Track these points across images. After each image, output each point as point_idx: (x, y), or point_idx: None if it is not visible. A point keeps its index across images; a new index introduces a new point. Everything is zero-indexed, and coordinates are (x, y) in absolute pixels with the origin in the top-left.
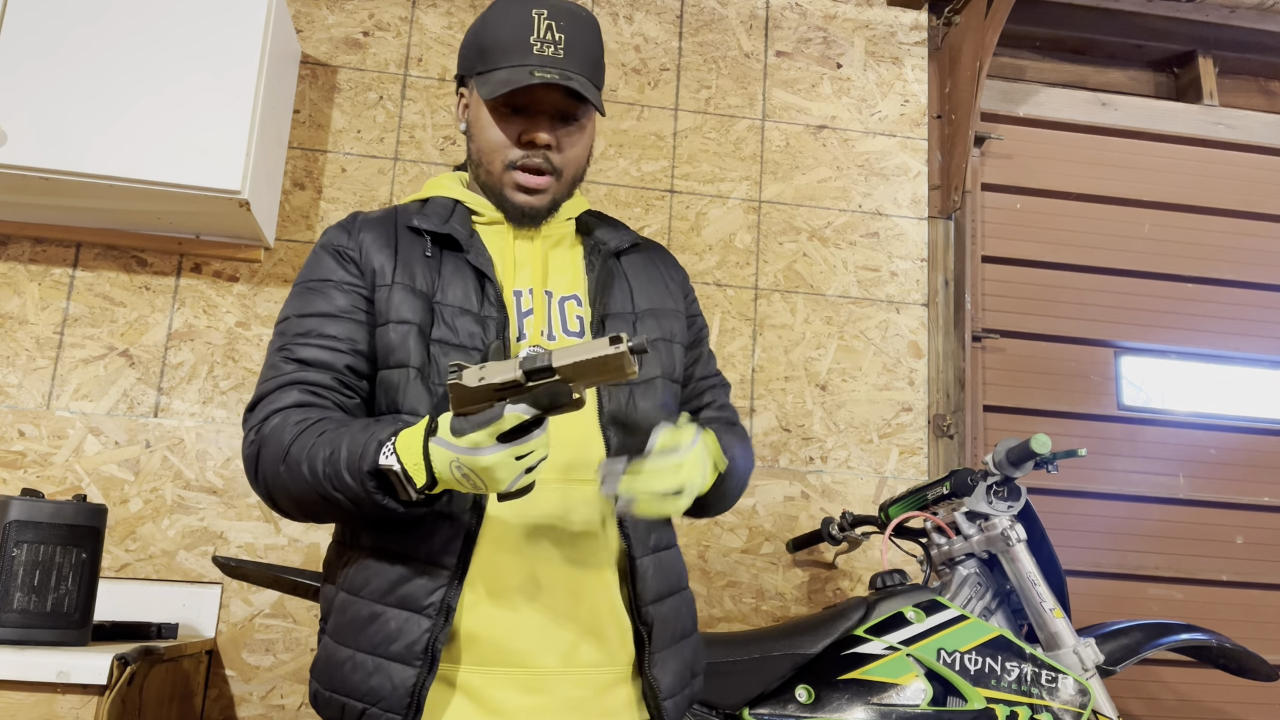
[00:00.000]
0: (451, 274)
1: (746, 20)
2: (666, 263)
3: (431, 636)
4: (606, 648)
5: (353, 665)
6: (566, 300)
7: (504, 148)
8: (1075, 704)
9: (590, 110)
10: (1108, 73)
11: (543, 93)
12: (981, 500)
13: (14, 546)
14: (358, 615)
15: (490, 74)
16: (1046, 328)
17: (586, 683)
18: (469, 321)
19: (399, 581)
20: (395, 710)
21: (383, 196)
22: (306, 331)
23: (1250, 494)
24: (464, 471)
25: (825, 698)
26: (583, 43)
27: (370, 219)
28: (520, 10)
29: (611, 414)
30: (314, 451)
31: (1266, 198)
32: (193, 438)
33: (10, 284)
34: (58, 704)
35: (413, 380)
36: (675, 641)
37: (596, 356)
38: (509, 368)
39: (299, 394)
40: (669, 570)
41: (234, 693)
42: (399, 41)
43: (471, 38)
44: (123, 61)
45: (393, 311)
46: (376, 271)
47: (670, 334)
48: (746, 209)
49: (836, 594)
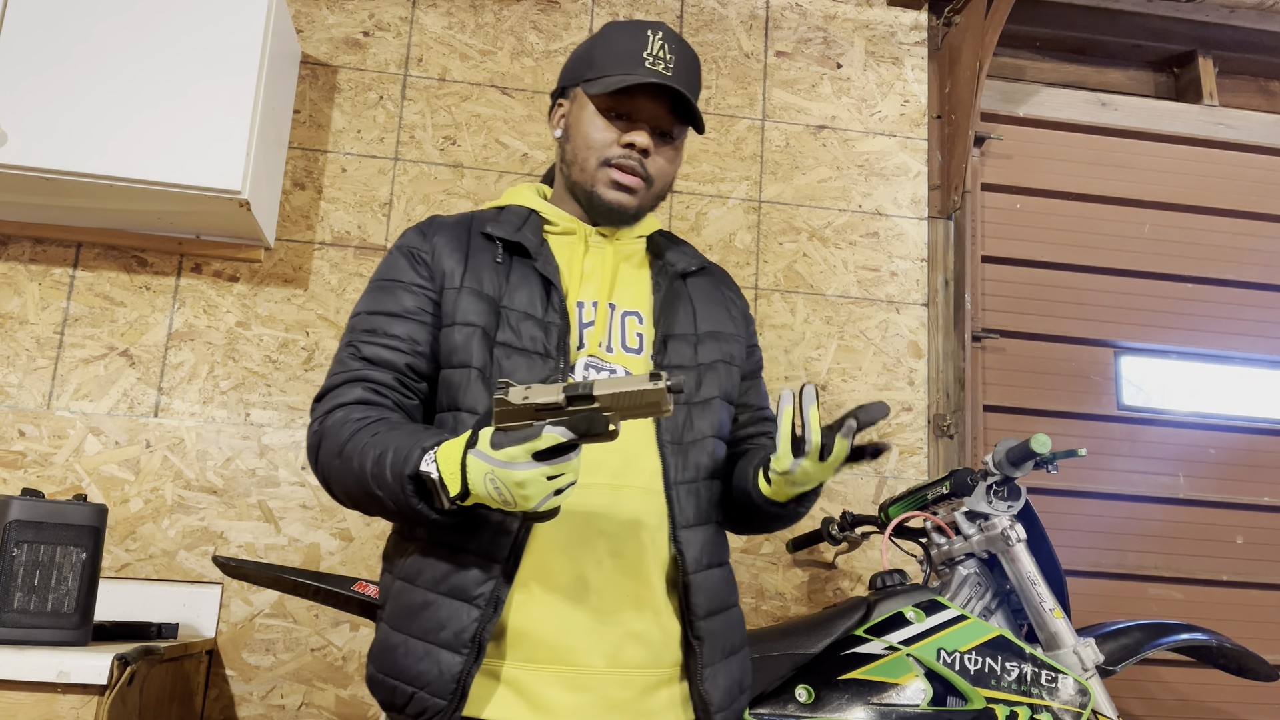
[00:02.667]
0: (519, 280)
1: (746, 20)
2: (730, 288)
3: (479, 626)
4: (652, 650)
5: (404, 650)
6: (629, 315)
7: (604, 145)
8: (1075, 704)
9: (684, 133)
10: (1108, 73)
11: (647, 103)
12: (981, 500)
13: (14, 546)
14: (411, 603)
15: (600, 79)
16: (1046, 328)
17: (631, 683)
18: (532, 326)
19: (451, 572)
20: (441, 695)
21: (383, 196)
22: (373, 329)
23: (1250, 494)
24: (497, 485)
25: (825, 698)
26: (689, 69)
27: (446, 223)
28: (636, 29)
29: (668, 430)
30: (365, 450)
31: (1266, 198)
32: (193, 438)
33: (10, 284)
34: (58, 704)
35: (474, 380)
36: (726, 657)
37: (636, 390)
38: (553, 391)
39: (362, 391)
40: (721, 586)
41: (234, 693)
42: (399, 41)
43: (582, 52)
44: (123, 62)
45: (459, 314)
46: (446, 274)
47: (730, 357)
48: (746, 209)
49: (836, 594)
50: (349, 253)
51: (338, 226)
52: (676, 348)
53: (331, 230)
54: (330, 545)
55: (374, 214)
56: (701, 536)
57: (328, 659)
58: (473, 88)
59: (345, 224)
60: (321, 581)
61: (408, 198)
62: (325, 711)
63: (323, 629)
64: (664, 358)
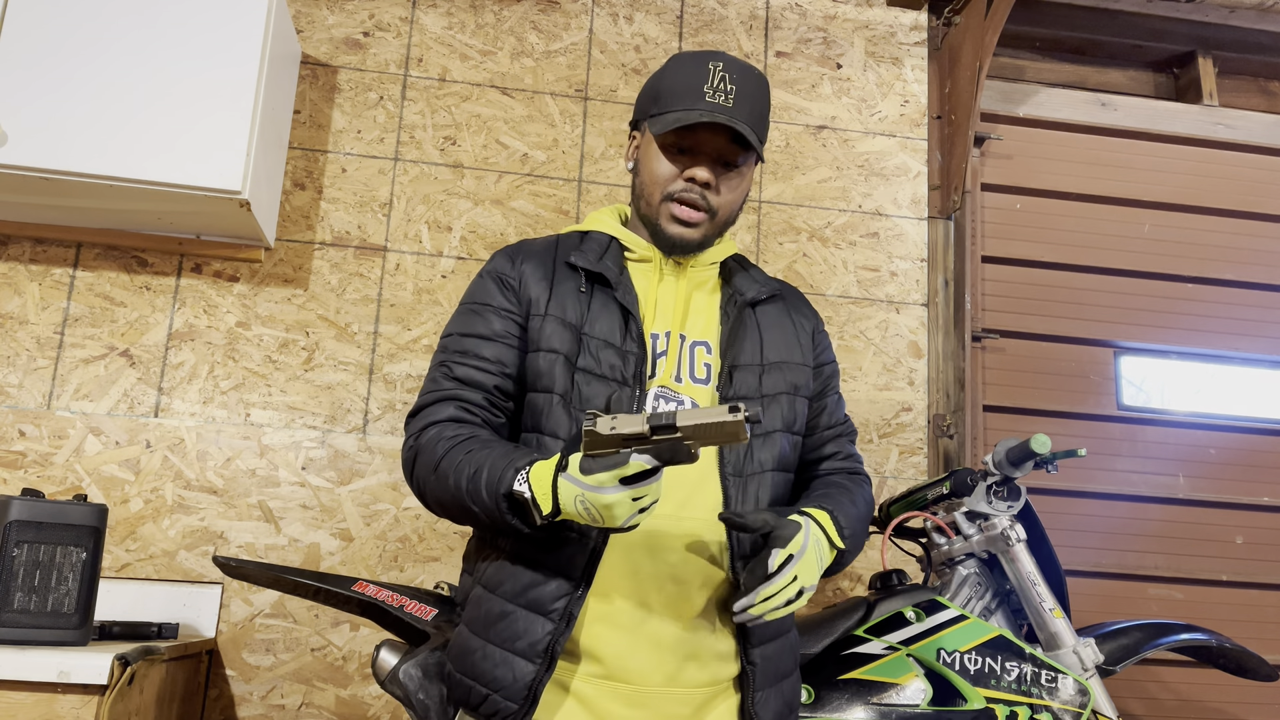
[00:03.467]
0: (600, 309)
1: (746, 21)
2: (800, 311)
3: (553, 639)
4: (708, 670)
5: (483, 654)
6: (698, 346)
7: (666, 181)
8: (1075, 704)
9: (751, 160)
10: (1107, 73)
11: (708, 136)
12: (981, 500)
13: (14, 546)
14: (491, 611)
15: (662, 115)
16: (1046, 328)
17: (688, 700)
18: (611, 354)
19: (530, 585)
20: (513, 700)
21: (383, 196)
22: (464, 350)
23: (1250, 494)
24: (586, 505)
25: (825, 697)
26: (752, 96)
27: (533, 250)
28: (698, 61)
29: (730, 463)
30: (460, 467)
31: (1266, 198)
32: (193, 438)
33: (11, 284)
34: (58, 704)
35: (555, 405)
36: (777, 681)
37: (715, 421)
38: (638, 421)
39: (454, 409)
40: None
41: (234, 693)
42: (399, 42)
43: (650, 86)
44: (123, 62)
45: (544, 341)
46: (533, 301)
47: (794, 387)
48: (746, 209)
49: (836, 594)
50: (349, 253)
51: (338, 227)
52: (742, 378)
53: (331, 230)
54: (330, 545)
55: (374, 214)
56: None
57: (328, 659)
58: (473, 88)
59: (345, 224)
60: (322, 582)
61: (408, 198)
62: (325, 711)
63: (323, 629)
64: (730, 389)
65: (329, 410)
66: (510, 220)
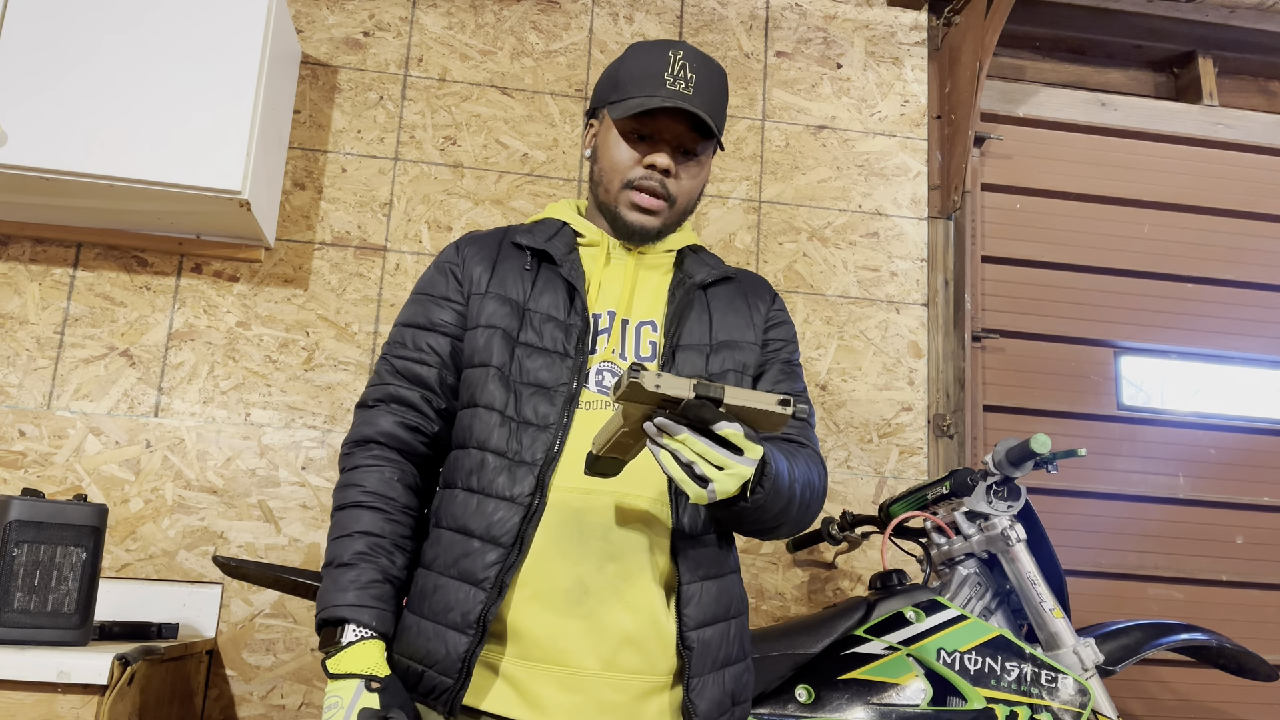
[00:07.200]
0: (545, 285)
1: (746, 20)
2: (756, 294)
3: (484, 608)
4: (647, 657)
5: (417, 631)
6: (644, 325)
7: (625, 167)
8: (1075, 704)
9: (710, 149)
10: (1107, 73)
11: (668, 123)
12: (981, 500)
13: (14, 546)
14: (425, 586)
15: (623, 101)
16: (1046, 328)
17: (625, 687)
18: (554, 328)
19: (461, 556)
20: (448, 674)
21: (383, 196)
22: (403, 342)
23: (1250, 494)
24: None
25: (825, 697)
26: (711, 85)
27: (478, 236)
28: (658, 50)
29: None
30: (338, 534)
31: (1266, 198)
32: (193, 438)
33: (11, 284)
34: (58, 704)
35: (491, 378)
36: (717, 669)
37: (762, 409)
38: (684, 386)
39: (390, 423)
40: (720, 597)
41: (234, 693)
42: (399, 42)
43: (609, 73)
44: (123, 61)
45: (483, 317)
46: (474, 281)
47: (743, 366)
48: (746, 209)
49: (836, 594)
50: (349, 253)
51: (338, 226)
52: (687, 357)
53: (332, 230)
54: None
55: (374, 214)
56: (700, 547)
57: None
58: (473, 88)
59: (345, 224)
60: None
61: (408, 198)
62: None
63: None
64: (673, 368)
65: (329, 410)
66: (510, 220)
